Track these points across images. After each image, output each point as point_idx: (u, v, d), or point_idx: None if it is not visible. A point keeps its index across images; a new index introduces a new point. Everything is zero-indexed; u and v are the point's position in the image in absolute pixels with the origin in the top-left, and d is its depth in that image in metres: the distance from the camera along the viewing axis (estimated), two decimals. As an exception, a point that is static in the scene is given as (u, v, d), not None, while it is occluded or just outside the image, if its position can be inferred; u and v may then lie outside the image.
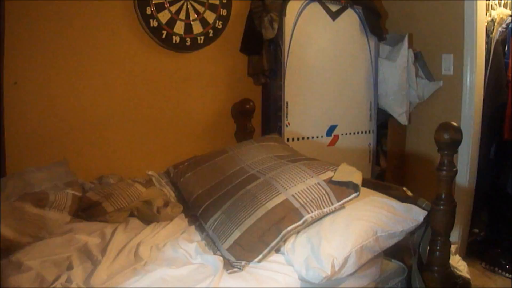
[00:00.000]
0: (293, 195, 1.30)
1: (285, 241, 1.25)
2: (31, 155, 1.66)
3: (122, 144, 1.91)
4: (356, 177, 1.37)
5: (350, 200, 1.32)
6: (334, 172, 1.39)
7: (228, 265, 1.17)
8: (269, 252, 1.22)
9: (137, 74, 1.93)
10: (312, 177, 1.37)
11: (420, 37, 2.50)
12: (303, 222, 1.24)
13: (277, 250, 1.26)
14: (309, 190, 1.32)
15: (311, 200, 1.29)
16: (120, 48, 1.87)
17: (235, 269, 1.15)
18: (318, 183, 1.34)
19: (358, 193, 1.32)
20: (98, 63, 1.82)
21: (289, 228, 1.23)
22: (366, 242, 1.21)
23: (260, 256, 1.20)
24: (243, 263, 1.17)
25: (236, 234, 1.24)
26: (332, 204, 1.30)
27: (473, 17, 2.20)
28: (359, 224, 1.25)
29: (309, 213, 1.25)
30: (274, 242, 1.21)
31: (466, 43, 2.24)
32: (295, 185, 1.34)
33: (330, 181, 1.36)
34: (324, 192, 1.32)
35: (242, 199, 1.35)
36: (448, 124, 1.34)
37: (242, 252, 1.20)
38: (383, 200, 1.40)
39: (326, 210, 1.28)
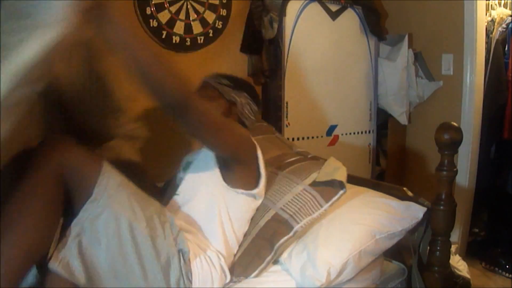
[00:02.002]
0: (281, 208, 1.29)
1: (281, 253, 1.26)
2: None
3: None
4: (339, 173, 1.34)
5: (338, 198, 1.29)
6: (319, 173, 1.38)
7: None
8: (266, 266, 1.22)
9: (137, 74, 1.92)
10: (297, 184, 1.35)
11: (420, 37, 2.50)
12: (294, 233, 1.24)
13: (275, 262, 1.26)
14: (296, 198, 1.31)
15: (299, 209, 1.27)
16: (120, 48, 1.86)
17: (230, 283, 1.16)
18: (304, 189, 1.33)
19: (344, 189, 1.29)
20: (98, 63, 1.82)
21: (281, 242, 1.23)
22: (364, 247, 1.20)
23: (257, 271, 1.20)
24: (240, 278, 1.18)
25: (236, 257, 1.25)
26: (322, 206, 1.28)
27: (473, 17, 2.20)
28: (357, 229, 1.25)
29: (298, 223, 1.24)
30: (269, 257, 1.22)
31: (466, 43, 2.24)
32: (283, 197, 1.32)
33: (314, 184, 1.34)
34: (311, 197, 1.30)
35: None
36: (448, 124, 1.34)
37: (242, 270, 1.21)
38: (380, 200, 1.40)
39: (316, 215, 1.27)
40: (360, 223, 1.27)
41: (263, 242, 1.24)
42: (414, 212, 1.35)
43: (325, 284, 1.12)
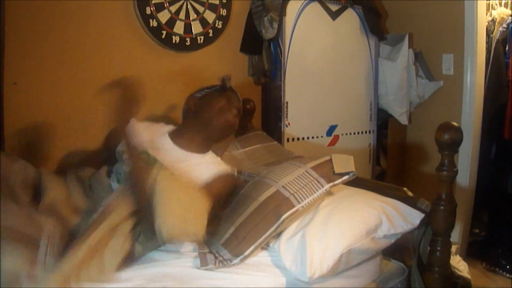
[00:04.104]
0: (283, 186, 1.32)
1: (283, 229, 1.26)
2: (30, 156, 1.66)
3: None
4: (351, 165, 1.41)
5: (341, 182, 1.35)
6: (319, 161, 1.42)
7: (204, 261, 1.16)
8: (265, 240, 1.23)
9: (136, 74, 1.92)
10: (299, 167, 1.39)
11: (420, 37, 2.49)
12: (295, 211, 1.26)
13: (266, 247, 1.28)
14: (298, 179, 1.34)
15: (300, 188, 1.30)
16: (120, 48, 1.86)
17: (208, 266, 1.15)
18: (306, 171, 1.36)
19: (350, 175, 1.37)
20: (98, 63, 1.82)
21: (287, 214, 1.24)
22: (358, 245, 1.20)
23: (252, 247, 1.21)
24: (216, 262, 1.16)
25: (231, 230, 1.25)
26: (323, 186, 1.32)
27: (473, 17, 2.20)
28: (354, 225, 1.24)
29: (299, 203, 1.27)
30: (273, 228, 1.23)
31: (466, 43, 2.24)
32: (284, 177, 1.36)
33: (319, 166, 1.39)
34: (312, 178, 1.34)
35: (237, 203, 1.37)
36: (448, 124, 1.33)
37: (237, 244, 1.21)
38: (379, 203, 1.38)
39: (317, 194, 1.30)
40: (358, 221, 1.26)
41: (262, 216, 1.25)
42: (410, 218, 1.34)
43: (316, 277, 1.12)
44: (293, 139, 2.20)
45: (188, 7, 1.96)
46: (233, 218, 1.29)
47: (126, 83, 1.41)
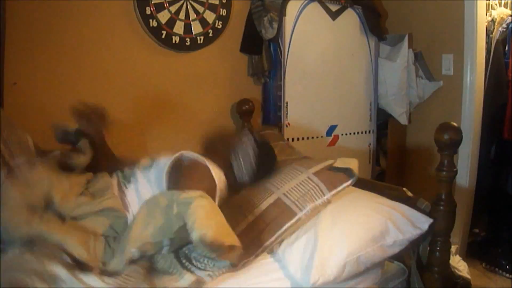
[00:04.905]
0: (284, 194, 1.31)
1: (280, 242, 1.25)
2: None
3: (121, 144, 1.91)
4: (353, 164, 1.39)
5: (342, 189, 1.33)
6: (321, 165, 1.41)
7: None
8: (262, 252, 1.23)
9: (136, 74, 1.93)
10: (302, 172, 1.38)
11: (420, 37, 2.49)
12: (297, 220, 1.25)
13: (270, 252, 1.26)
14: (299, 185, 1.33)
15: (302, 196, 1.30)
16: (120, 48, 1.86)
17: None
18: (308, 177, 1.35)
19: (351, 181, 1.33)
20: (98, 63, 1.82)
21: (283, 228, 1.23)
22: (364, 252, 1.19)
23: (252, 256, 1.20)
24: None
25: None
26: (324, 195, 1.30)
27: (473, 17, 2.20)
28: (359, 233, 1.23)
29: (301, 210, 1.26)
30: (268, 242, 1.22)
31: (466, 43, 2.24)
32: (286, 183, 1.35)
33: (320, 172, 1.37)
34: (314, 185, 1.33)
35: (237, 207, 1.34)
36: (448, 125, 1.34)
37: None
38: (387, 208, 1.36)
39: (318, 202, 1.29)
40: (363, 228, 1.25)
41: (263, 226, 1.24)
42: (418, 223, 1.32)
43: (319, 284, 1.11)
44: (293, 139, 2.20)
45: (188, 7, 1.96)
46: (233, 224, 1.24)
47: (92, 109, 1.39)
